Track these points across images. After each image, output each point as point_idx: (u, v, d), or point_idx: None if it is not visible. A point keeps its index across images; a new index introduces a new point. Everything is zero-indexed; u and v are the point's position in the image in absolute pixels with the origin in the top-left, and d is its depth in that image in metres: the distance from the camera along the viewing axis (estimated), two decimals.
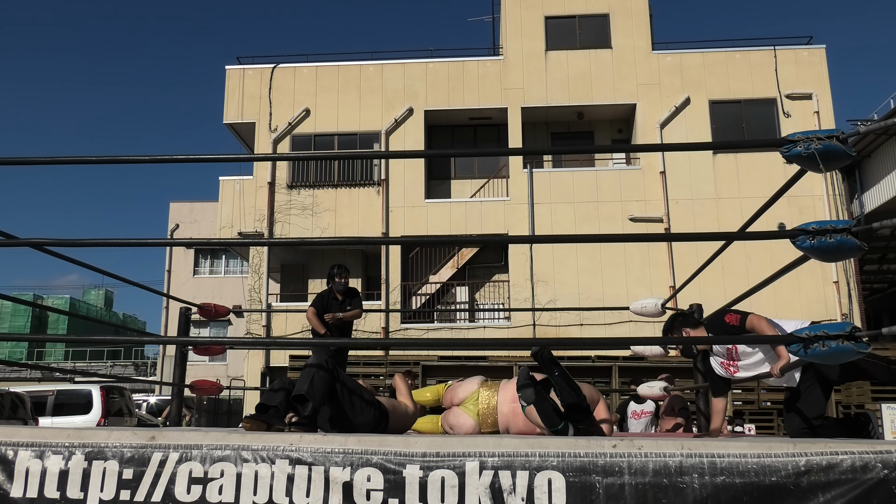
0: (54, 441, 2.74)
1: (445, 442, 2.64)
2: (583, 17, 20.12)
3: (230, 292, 27.69)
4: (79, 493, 2.65)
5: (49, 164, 3.72)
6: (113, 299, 52.26)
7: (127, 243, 3.61)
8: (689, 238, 3.51)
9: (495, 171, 20.20)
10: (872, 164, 18.68)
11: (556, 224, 18.52)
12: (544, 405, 3.95)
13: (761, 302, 15.99)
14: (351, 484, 2.53)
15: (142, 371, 36.93)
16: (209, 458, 2.63)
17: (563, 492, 2.44)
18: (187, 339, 5.91)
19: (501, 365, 14.16)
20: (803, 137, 2.92)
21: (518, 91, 19.69)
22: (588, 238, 3.61)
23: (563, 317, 17.70)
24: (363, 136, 19.79)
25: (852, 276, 18.10)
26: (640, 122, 19.36)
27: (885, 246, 20.76)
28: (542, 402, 3.96)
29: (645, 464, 2.46)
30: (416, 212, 19.09)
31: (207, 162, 7.19)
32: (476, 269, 19.75)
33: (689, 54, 19.74)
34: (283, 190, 19.54)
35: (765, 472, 2.42)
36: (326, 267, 21.83)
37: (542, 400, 3.97)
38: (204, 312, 6.62)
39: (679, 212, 18.46)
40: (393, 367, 14.41)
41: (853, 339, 2.76)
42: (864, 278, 21.14)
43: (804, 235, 2.88)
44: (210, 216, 26.83)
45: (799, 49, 19.47)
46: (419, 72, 20.02)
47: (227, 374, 26.21)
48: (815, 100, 18.85)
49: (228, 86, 20.24)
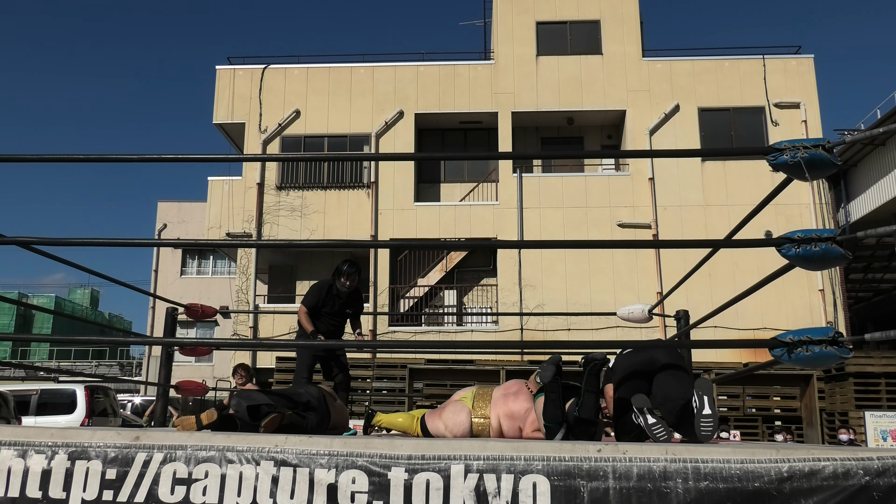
0: (37, 440, 2.72)
1: (431, 445, 2.64)
2: (574, 23, 20.19)
3: (217, 293, 27.57)
4: (61, 493, 2.63)
5: (36, 162, 3.70)
6: (99, 299, 51.92)
7: (114, 243, 3.59)
8: (677, 245, 3.54)
9: (485, 175, 20.23)
10: (858, 174, 18.83)
11: (545, 229, 18.57)
12: (555, 397, 3.92)
13: (747, 309, 16.20)
14: (336, 486, 2.53)
15: (127, 371, 36.73)
16: (193, 458, 2.62)
17: (547, 495, 2.45)
18: (173, 339, 5.89)
19: (489, 369, 14.16)
20: (790, 146, 2.95)
21: (508, 95, 19.73)
22: (576, 244, 3.62)
23: (550, 321, 17.73)
24: (353, 138, 19.78)
25: (837, 284, 18.23)
26: (630, 128, 19.44)
27: (870, 255, 20.93)
28: (555, 391, 3.93)
29: (629, 468, 2.47)
30: (406, 214, 19.09)
31: (196, 162, 7.16)
32: (464, 272, 19.76)
33: (678, 62, 19.85)
34: (273, 191, 19.48)
35: (748, 478, 2.43)
36: (314, 268, 21.65)
37: (556, 391, 3.93)
38: (191, 313, 6.59)
39: (667, 218, 18.54)
40: (380, 370, 14.39)
41: (836, 344, 2.78)
42: (849, 287, 21.30)
43: (790, 244, 2.90)
44: (198, 216, 26.74)
45: (787, 58, 19.63)
46: (410, 75, 20.03)
47: (214, 374, 26.07)
48: (802, 109, 18.99)
49: (218, 86, 20.18)
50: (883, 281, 22.76)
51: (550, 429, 3.87)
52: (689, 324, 6.10)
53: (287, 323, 18.42)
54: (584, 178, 19.34)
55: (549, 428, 3.87)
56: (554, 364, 3.98)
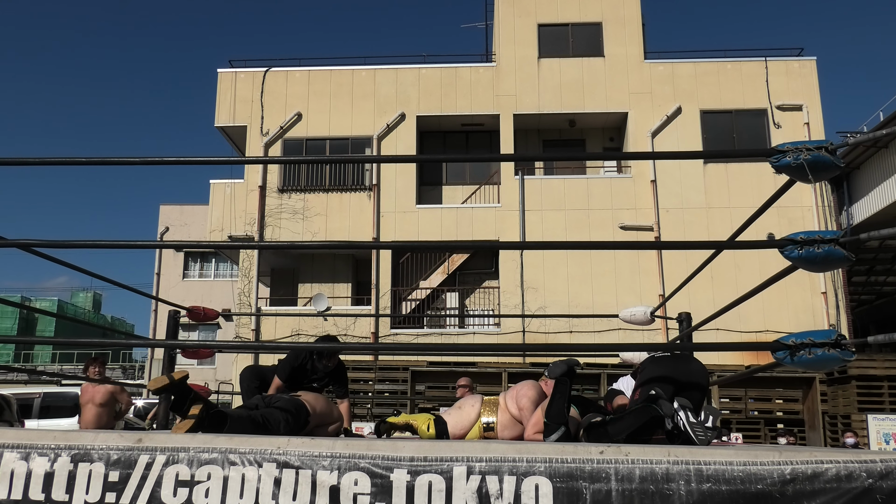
0: (40, 443, 2.72)
1: (433, 447, 2.64)
2: (576, 25, 20.20)
3: (219, 296, 27.59)
4: (64, 496, 2.63)
5: (39, 165, 3.70)
6: (101, 302, 52.02)
7: (115, 245, 3.59)
8: (679, 246, 3.53)
9: (487, 177, 20.24)
10: (861, 176, 18.81)
11: (547, 231, 18.57)
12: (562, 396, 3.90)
13: (750, 312, 16.19)
14: (338, 488, 2.53)
15: (130, 374, 36.75)
16: (196, 460, 2.62)
17: (550, 497, 2.44)
18: (176, 342, 5.89)
19: (491, 371, 14.16)
20: (792, 148, 2.94)
21: (510, 98, 19.74)
22: (578, 245, 3.62)
23: (552, 324, 17.72)
24: (355, 140, 19.79)
25: (840, 286, 18.20)
26: (632, 130, 19.44)
27: (873, 258, 20.90)
28: (562, 390, 3.91)
29: (632, 470, 2.46)
30: (407, 217, 19.09)
31: (198, 164, 7.18)
32: (466, 275, 19.76)
33: (680, 64, 19.85)
34: (274, 194, 19.50)
35: (751, 480, 2.43)
36: (316, 271, 21.61)
37: (564, 391, 3.91)
38: (193, 316, 6.59)
39: (669, 221, 18.53)
40: (382, 373, 14.39)
41: (839, 346, 2.78)
42: (852, 289, 21.27)
43: (792, 245, 2.90)
44: (200, 219, 26.76)
45: (790, 61, 19.62)
46: (412, 77, 20.05)
47: (216, 377, 26.07)
48: (805, 111, 18.97)
49: (220, 89, 20.21)
50: (886, 284, 22.71)
51: (549, 427, 3.84)
52: (691, 326, 6.10)
53: (289, 325, 18.42)
54: (586, 181, 19.34)
55: (548, 426, 3.84)
56: (567, 365, 3.96)
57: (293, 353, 5.38)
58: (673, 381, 3.79)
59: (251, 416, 3.81)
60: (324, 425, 4.36)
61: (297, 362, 5.29)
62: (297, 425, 4.00)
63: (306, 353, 5.36)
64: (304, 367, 5.30)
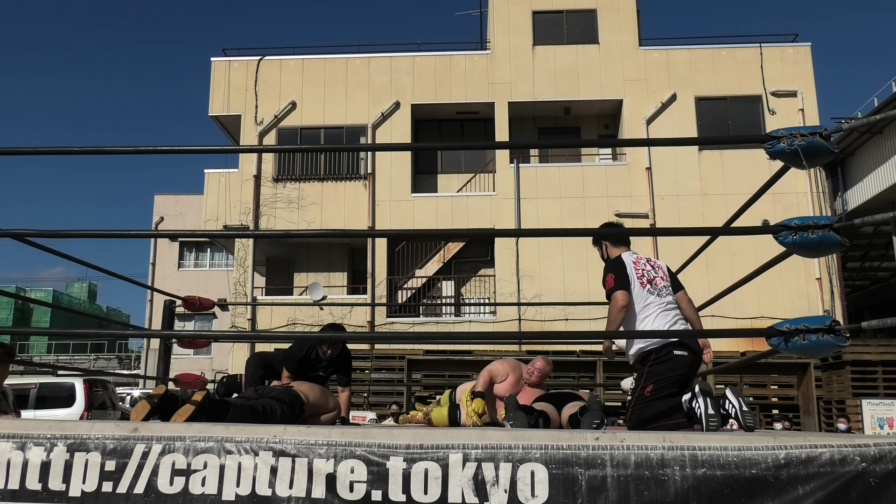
0: (36, 433, 2.72)
1: (429, 434, 2.65)
2: (570, 12, 20.13)
3: (215, 286, 27.55)
4: (60, 485, 2.63)
5: (31, 155, 3.69)
6: (97, 292, 51.85)
7: (110, 235, 3.58)
8: (674, 233, 3.54)
9: (482, 165, 20.21)
10: (856, 162, 18.84)
11: (543, 219, 18.56)
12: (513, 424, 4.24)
13: (745, 298, 16.22)
14: (334, 475, 2.53)
15: (125, 364, 36.74)
16: (192, 449, 2.62)
17: (545, 484, 2.45)
18: (171, 332, 5.89)
19: (487, 359, 14.16)
20: (787, 134, 2.94)
21: (505, 86, 19.69)
22: (574, 232, 3.62)
23: (548, 312, 17.75)
24: (350, 129, 19.73)
25: (835, 272, 18.26)
26: (627, 117, 19.42)
27: (867, 243, 20.96)
28: (514, 420, 4.25)
29: (627, 456, 2.48)
30: (403, 206, 19.07)
31: (192, 154, 7.16)
32: (462, 263, 19.76)
33: (675, 50, 19.81)
34: (269, 183, 19.45)
35: (745, 465, 2.44)
36: (312, 260, 21.63)
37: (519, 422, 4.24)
38: (188, 305, 6.60)
39: (665, 208, 18.54)
40: (378, 361, 14.40)
41: (833, 332, 2.79)
42: (846, 275, 21.33)
43: (787, 231, 2.91)
44: (195, 209, 26.67)
45: (784, 47, 19.59)
46: (406, 65, 19.97)
47: (212, 367, 26.11)
48: (799, 97, 18.97)
49: (214, 78, 20.12)
50: (880, 269, 22.80)
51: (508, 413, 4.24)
52: None
53: (285, 315, 18.43)
54: (582, 168, 19.33)
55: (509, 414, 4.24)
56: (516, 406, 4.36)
57: (297, 345, 5.45)
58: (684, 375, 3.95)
59: (252, 406, 3.82)
60: (318, 415, 4.38)
61: (303, 353, 5.37)
62: (292, 415, 4.03)
63: (311, 343, 5.43)
64: (309, 356, 5.39)
